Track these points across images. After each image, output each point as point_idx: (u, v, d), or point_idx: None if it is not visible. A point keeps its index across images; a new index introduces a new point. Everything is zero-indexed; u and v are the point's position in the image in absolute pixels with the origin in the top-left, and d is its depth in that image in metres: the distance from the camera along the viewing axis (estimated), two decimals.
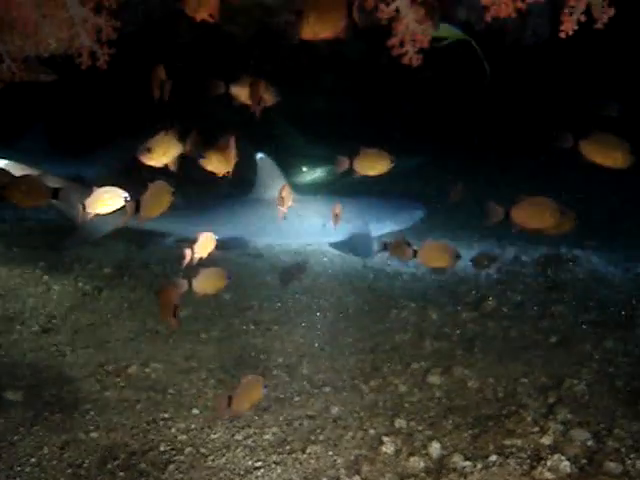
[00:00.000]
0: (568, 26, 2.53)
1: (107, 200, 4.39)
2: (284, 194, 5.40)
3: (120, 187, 4.18)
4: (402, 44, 3.37)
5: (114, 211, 4.18)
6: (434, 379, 4.86)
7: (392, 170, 4.79)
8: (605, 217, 9.62)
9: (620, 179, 6.80)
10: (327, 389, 4.80)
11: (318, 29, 3.14)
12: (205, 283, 4.75)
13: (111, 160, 10.12)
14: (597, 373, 4.82)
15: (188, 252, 4.49)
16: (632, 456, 3.72)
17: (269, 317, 6.10)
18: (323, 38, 3.16)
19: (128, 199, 4.38)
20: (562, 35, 2.56)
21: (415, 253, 4.91)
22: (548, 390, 4.56)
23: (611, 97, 7.32)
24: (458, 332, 5.73)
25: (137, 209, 4.07)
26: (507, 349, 5.33)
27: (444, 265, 5.14)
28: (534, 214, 4.48)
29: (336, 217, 5.97)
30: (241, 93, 4.56)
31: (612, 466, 3.63)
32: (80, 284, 6.54)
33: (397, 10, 3.17)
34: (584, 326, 5.79)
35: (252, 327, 5.88)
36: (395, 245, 5.15)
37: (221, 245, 6.86)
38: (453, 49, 4.78)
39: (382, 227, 8.37)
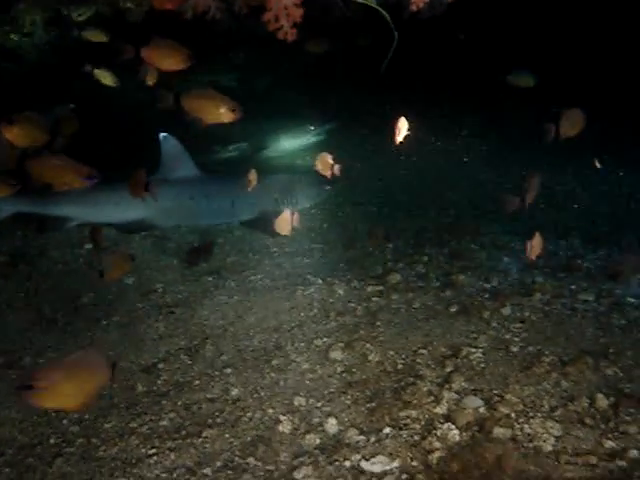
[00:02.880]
0: None
1: None
2: (138, 178, 5.35)
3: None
4: (277, 19, 3.31)
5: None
6: (336, 355, 4.87)
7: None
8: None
9: None
10: (229, 370, 4.75)
11: None
12: (115, 269, 4.84)
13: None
14: (494, 340, 4.90)
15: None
16: (521, 421, 3.80)
17: (172, 300, 5.99)
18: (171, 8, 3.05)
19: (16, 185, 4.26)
20: (413, 8, 2.53)
21: None
22: (446, 360, 4.62)
23: (525, 68, 7.38)
24: (363, 306, 5.74)
25: None
26: (409, 321, 5.37)
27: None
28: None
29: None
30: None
31: (501, 432, 3.71)
32: None
33: None
34: (485, 294, 5.89)
35: (155, 311, 5.76)
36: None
37: (124, 228, 6.72)
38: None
39: (292, 204, 8.28)
